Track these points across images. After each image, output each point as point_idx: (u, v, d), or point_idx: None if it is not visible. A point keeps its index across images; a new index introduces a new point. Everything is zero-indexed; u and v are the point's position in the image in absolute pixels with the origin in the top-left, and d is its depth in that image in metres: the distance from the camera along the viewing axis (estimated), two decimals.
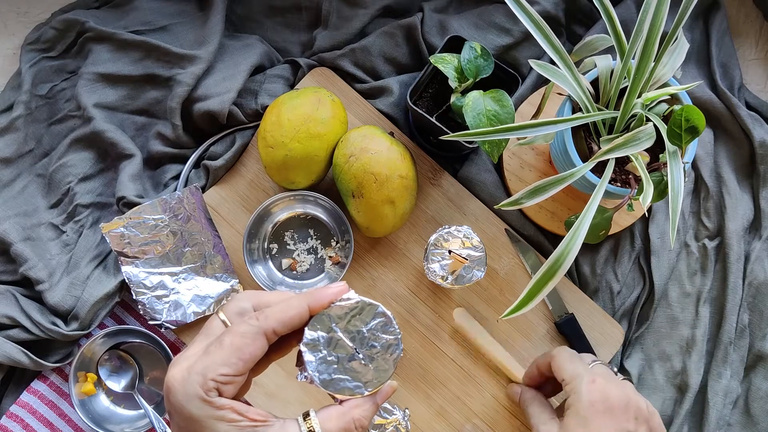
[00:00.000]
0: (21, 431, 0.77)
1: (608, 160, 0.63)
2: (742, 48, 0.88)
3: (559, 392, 0.72)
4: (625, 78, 0.65)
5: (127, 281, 0.77)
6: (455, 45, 0.74)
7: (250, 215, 0.78)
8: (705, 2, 0.85)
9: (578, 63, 0.69)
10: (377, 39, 0.83)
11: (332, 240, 0.81)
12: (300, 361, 0.48)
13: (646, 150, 0.65)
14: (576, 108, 0.69)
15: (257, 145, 0.78)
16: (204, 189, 0.82)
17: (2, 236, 0.77)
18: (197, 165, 0.83)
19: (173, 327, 0.78)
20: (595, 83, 0.69)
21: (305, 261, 0.81)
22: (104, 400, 0.79)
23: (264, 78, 0.83)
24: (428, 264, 0.72)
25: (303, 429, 0.45)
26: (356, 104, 0.83)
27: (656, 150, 0.68)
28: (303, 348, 0.47)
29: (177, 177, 0.82)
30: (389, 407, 0.73)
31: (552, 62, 0.65)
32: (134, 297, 0.77)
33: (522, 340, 0.80)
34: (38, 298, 0.78)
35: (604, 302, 0.82)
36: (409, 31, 0.83)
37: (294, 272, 0.81)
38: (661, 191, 0.64)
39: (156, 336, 0.78)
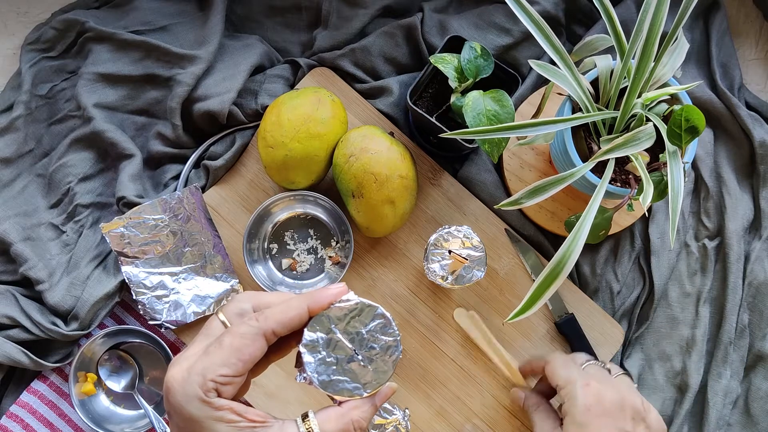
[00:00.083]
0: (21, 431, 0.77)
1: (608, 160, 0.63)
2: (742, 48, 0.88)
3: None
4: (625, 78, 0.65)
5: (127, 281, 0.77)
6: (455, 45, 0.74)
7: (250, 215, 0.78)
8: (705, 2, 0.85)
9: (578, 63, 0.69)
10: (377, 39, 0.83)
11: (332, 240, 0.81)
12: (299, 362, 0.48)
13: (646, 150, 0.65)
14: (576, 108, 0.69)
15: (257, 145, 0.78)
16: (204, 189, 0.82)
17: (2, 236, 0.77)
18: (197, 165, 0.83)
19: (173, 327, 0.78)
20: (595, 83, 0.69)
21: (305, 261, 0.81)
22: (104, 400, 0.79)
23: (264, 78, 0.83)
24: (428, 264, 0.72)
25: (302, 430, 0.45)
26: (356, 104, 0.83)
27: (656, 150, 0.68)
28: (302, 349, 0.47)
29: (177, 177, 0.82)
30: (389, 407, 0.73)
31: (552, 62, 0.65)
32: (134, 297, 0.77)
33: (522, 340, 0.80)
34: (38, 298, 0.78)
35: (604, 302, 0.82)
36: (409, 31, 0.82)
37: (294, 272, 0.81)
38: (661, 191, 0.64)
39: (156, 336, 0.78)
